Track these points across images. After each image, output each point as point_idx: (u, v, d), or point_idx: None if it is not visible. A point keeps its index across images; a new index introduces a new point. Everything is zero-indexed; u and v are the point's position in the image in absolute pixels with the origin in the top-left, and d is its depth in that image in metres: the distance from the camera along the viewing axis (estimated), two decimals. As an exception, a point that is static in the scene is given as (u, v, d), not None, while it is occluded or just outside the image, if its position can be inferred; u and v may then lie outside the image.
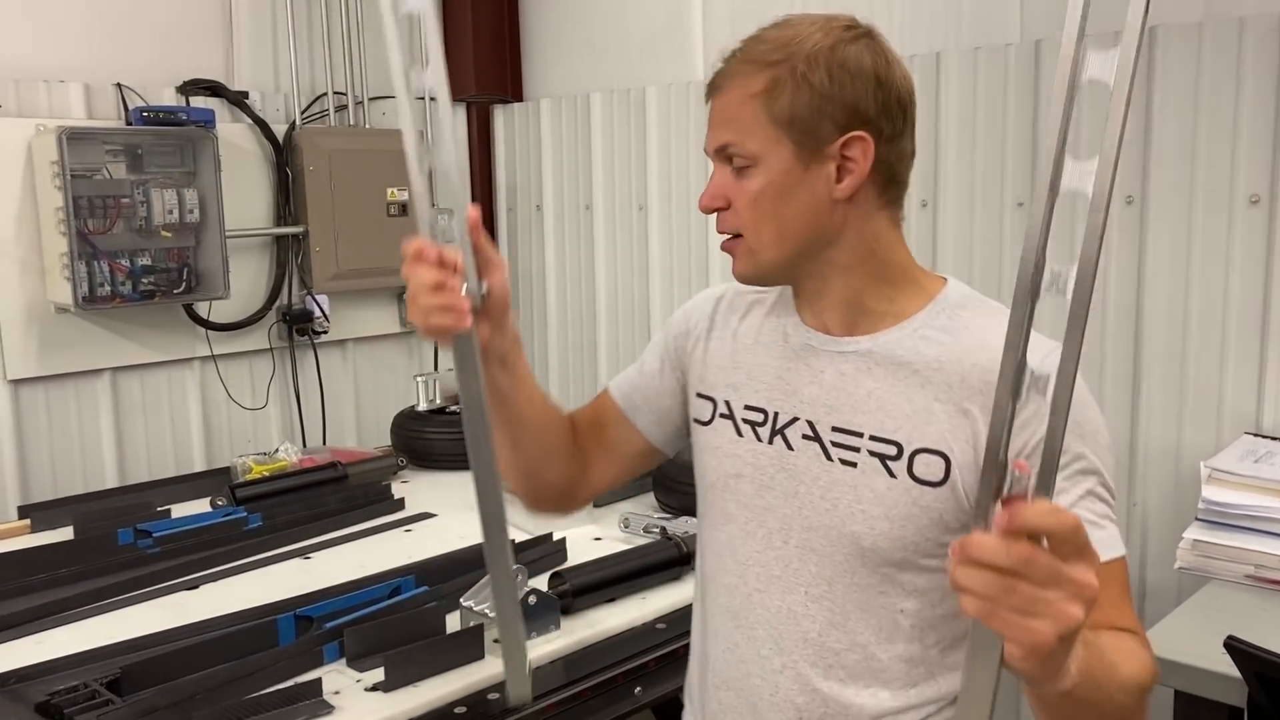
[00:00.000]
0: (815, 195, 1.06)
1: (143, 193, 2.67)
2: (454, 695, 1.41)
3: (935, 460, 1.04)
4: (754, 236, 1.08)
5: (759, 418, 1.15)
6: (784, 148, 1.05)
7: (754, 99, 1.05)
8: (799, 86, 1.04)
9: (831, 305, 1.12)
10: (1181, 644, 1.62)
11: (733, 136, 1.07)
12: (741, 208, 1.08)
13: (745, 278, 1.13)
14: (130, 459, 2.83)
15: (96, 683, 1.35)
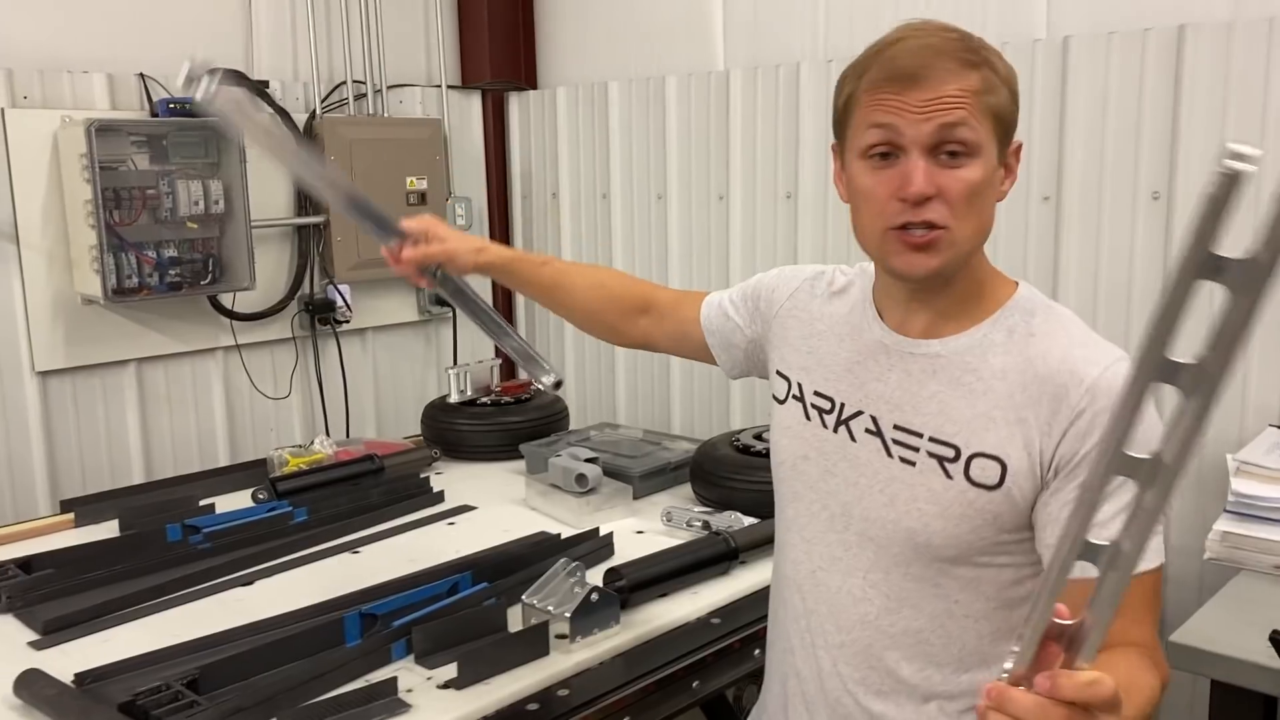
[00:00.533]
0: (996, 194, 1.11)
1: (168, 184, 2.67)
2: (525, 692, 1.44)
3: (992, 465, 1.08)
4: (961, 227, 1.07)
5: (826, 405, 1.21)
6: (993, 144, 1.08)
7: (975, 92, 1.06)
8: (1003, 88, 1.09)
9: (946, 308, 1.15)
10: (1217, 635, 1.67)
11: (961, 117, 1.06)
12: (955, 197, 1.06)
13: (936, 272, 1.09)
14: (156, 450, 2.84)
15: (178, 683, 1.37)
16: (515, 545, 1.91)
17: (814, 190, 2.76)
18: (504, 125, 3.53)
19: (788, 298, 1.33)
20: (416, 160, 3.17)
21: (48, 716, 1.37)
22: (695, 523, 1.97)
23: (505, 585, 1.70)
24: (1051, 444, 1.06)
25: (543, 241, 3.49)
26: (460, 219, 3.35)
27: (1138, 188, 2.26)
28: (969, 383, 1.11)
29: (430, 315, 3.36)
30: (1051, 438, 1.06)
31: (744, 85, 2.86)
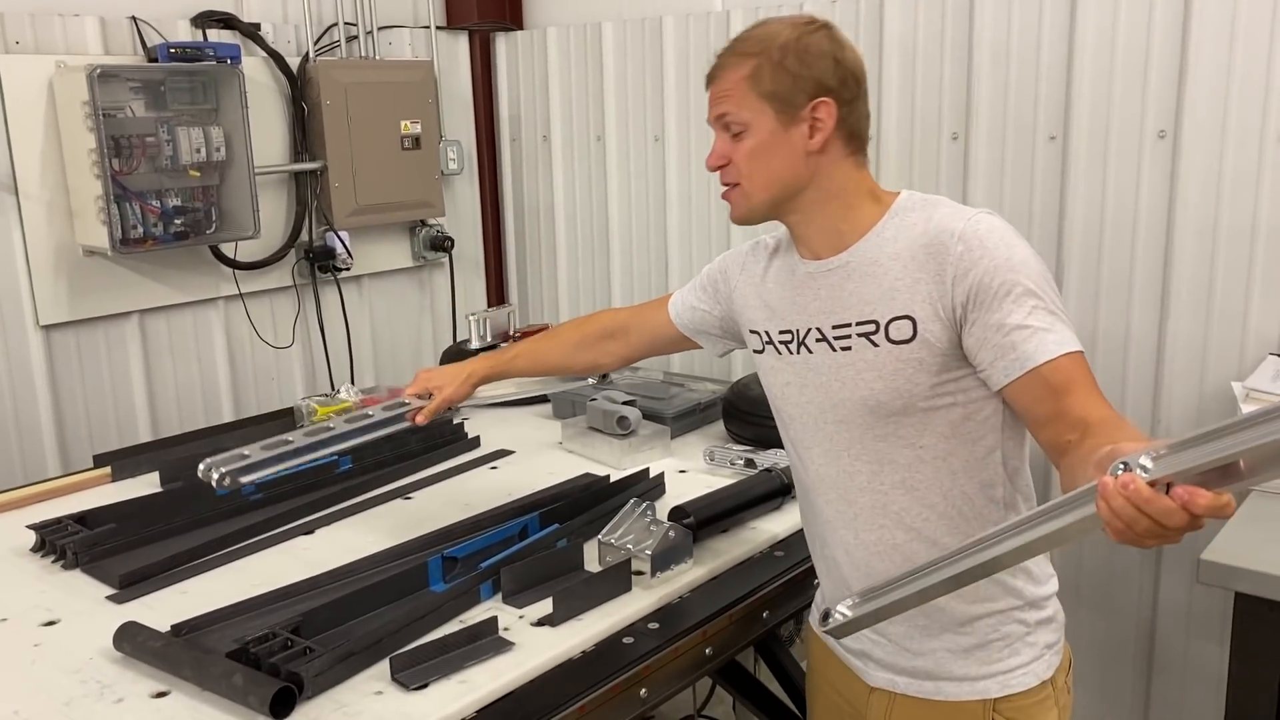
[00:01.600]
0: (794, 149, 1.36)
1: (168, 131, 2.62)
2: (616, 626, 1.49)
3: (904, 323, 1.33)
4: (748, 183, 1.38)
5: (788, 338, 1.46)
6: (768, 115, 1.35)
7: (743, 80, 1.35)
8: (776, 69, 1.34)
9: (815, 234, 1.42)
10: (1241, 552, 1.78)
11: (729, 108, 1.37)
12: (738, 162, 1.38)
13: (740, 219, 1.44)
14: (161, 402, 2.82)
15: (284, 630, 1.40)
16: (568, 487, 1.96)
17: (817, 131, 2.79)
18: (491, 67, 3.49)
19: (739, 272, 1.58)
20: (410, 104, 3.13)
21: (156, 668, 1.39)
22: (738, 461, 2.03)
23: (574, 526, 1.74)
24: (947, 291, 1.29)
25: (534, 185, 3.48)
26: (452, 162, 3.33)
27: (1144, 127, 2.33)
28: (875, 272, 1.36)
29: (425, 261, 3.34)
30: (945, 285, 1.29)
31: (745, 25, 2.86)
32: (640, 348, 1.77)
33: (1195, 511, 0.84)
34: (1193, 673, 2.45)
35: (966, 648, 1.41)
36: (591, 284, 3.40)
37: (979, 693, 1.41)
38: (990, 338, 1.26)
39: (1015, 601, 1.40)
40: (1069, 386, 1.23)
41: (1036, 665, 1.41)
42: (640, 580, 1.59)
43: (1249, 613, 1.80)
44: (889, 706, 1.47)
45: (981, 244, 1.27)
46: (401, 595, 1.56)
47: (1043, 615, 1.43)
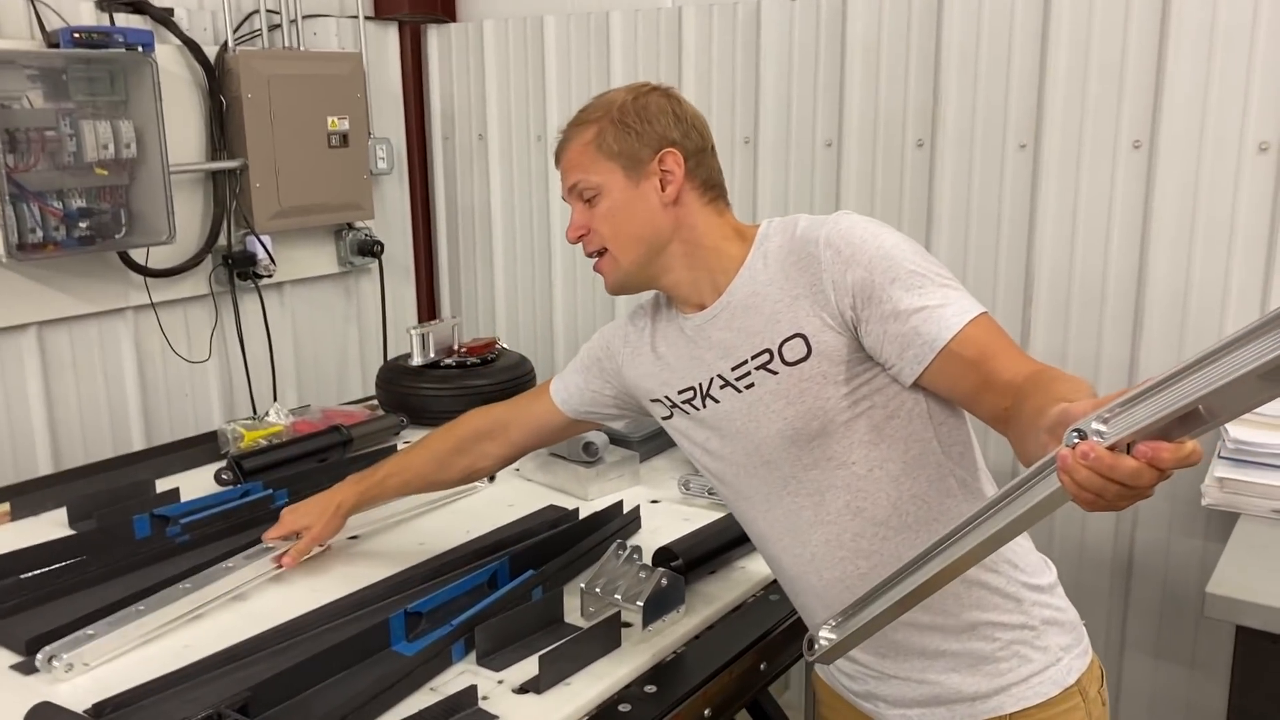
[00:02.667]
0: (649, 204, 1.35)
1: (70, 124, 2.36)
2: (609, 691, 1.33)
3: (796, 342, 1.28)
4: (614, 246, 1.38)
5: (690, 394, 1.41)
6: (617, 175, 1.35)
7: (588, 145, 1.37)
8: (619, 130, 1.35)
9: (690, 288, 1.38)
10: (1243, 582, 1.70)
11: (579, 175, 1.38)
12: (598, 226, 1.37)
13: (615, 288, 1.42)
14: (62, 421, 2.56)
15: (231, 710, 1.20)
16: (534, 524, 1.79)
17: (774, 136, 2.67)
18: (422, 60, 3.29)
19: (623, 346, 1.52)
20: (337, 98, 2.91)
21: (78, 760, 1.18)
22: (714, 491, 1.89)
23: (549, 572, 1.58)
24: (830, 297, 1.25)
25: (468, 184, 3.29)
26: (381, 161, 3.12)
27: (1119, 136, 2.26)
28: (755, 304, 1.32)
29: (351, 266, 3.13)
30: (826, 292, 1.25)
31: (698, 23, 2.73)
32: (521, 443, 1.66)
33: (1161, 468, 0.79)
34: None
35: (971, 664, 1.32)
36: (531, 292, 3.23)
37: (993, 710, 1.31)
38: (890, 330, 1.21)
39: (1007, 602, 1.31)
40: (984, 354, 1.18)
41: (1054, 671, 1.32)
42: (629, 634, 1.44)
43: (1252, 646, 1.73)
44: None
45: (849, 243, 1.24)
46: (362, 657, 1.38)
47: (1045, 613, 1.33)
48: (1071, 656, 1.34)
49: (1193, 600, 2.32)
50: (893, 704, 1.38)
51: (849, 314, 1.24)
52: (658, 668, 1.41)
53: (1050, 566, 1.40)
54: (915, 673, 1.34)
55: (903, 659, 1.34)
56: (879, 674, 1.37)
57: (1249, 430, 1.97)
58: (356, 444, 2.14)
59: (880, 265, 1.22)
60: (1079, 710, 1.33)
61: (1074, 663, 1.34)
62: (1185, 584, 2.32)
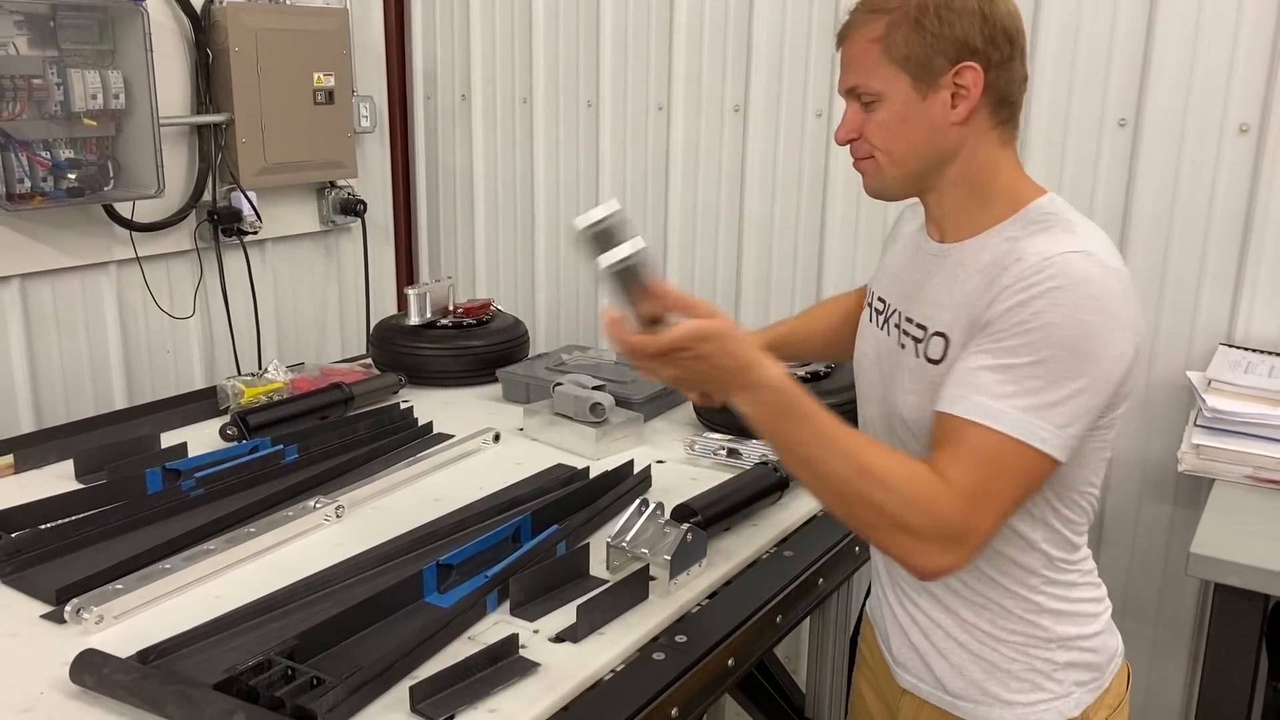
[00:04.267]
0: (934, 121, 1.21)
1: (58, 73, 2.32)
2: (642, 640, 1.37)
3: (939, 341, 1.23)
4: (883, 157, 1.24)
5: (880, 306, 1.39)
6: (903, 83, 1.20)
7: (874, 44, 1.20)
8: (912, 29, 1.18)
9: (944, 215, 1.28)
10: (1219, 543, 1.79)
11: (859, 79, 1.23)
12: (870, 136, 1.24)
13: (873, 192, 1.30)
14: (43, 375, 2.52)
15: (280, 656, 1.22)
16: (545, 481, 1.82)
17: (764, 104, 2.70)
18: (405, 18, 3.26)
19: (891, 232, 1.49)
20: (323, 55, 2.88)
21: (129, 704, 1.19)
22: (720, 451, 1.93)
23: (571, 527, 1.61)
24: (978, 312, 1.17)
25: (449, 147, 3.28)
26: (365, 120, 3.09)
27: (1105, 114, 2.33)
28: (960, 275, 1.23)
29: (333, 225, 3.10)
30: (980, 306, 1.17)
31: (692, -14, 2.75)
32: None
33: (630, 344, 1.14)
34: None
35: (986, 670, 1.32)
36: (514, 257, 3.23)
37: (991, 719, 1.33)
38: (960, 363, 1.16)
39: (1038, 638, 1.31)
40: (943, 443, 1.13)
41: (1061, 703, 1.32)
42: (654, 587, 1.48)
43: (1229, 604, 1.82)
44: (917, 711, 1.40)
45: (1038, 284, 1.10)
46: (397, 608, 1.40)
47: (1072, 657, 1.32)
48: (1085, 691, 1.33)
49: (1159, 562, 2.43)
50: (908, 671, 1.40)
51: (977, 333, 1.17)
52: (685, 619, 1.45)
53: (1101, 615, 1.37)
54: (932, 656, 1.36)
55: (927, 640, 1.36)
56: (904, 641, 1.39)
57: (1225, 400, 2.06)
58: (357, 402, 2.15)
59: (1020, 320, 1.11)
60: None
61: (1085, 697, 1.33)
62: (1153, 547, 2.42)
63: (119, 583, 1.44)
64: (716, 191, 2.82)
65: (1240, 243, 2.24)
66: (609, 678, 1.31)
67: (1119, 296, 1.13)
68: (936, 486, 1.10)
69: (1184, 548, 1.75)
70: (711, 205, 2.83)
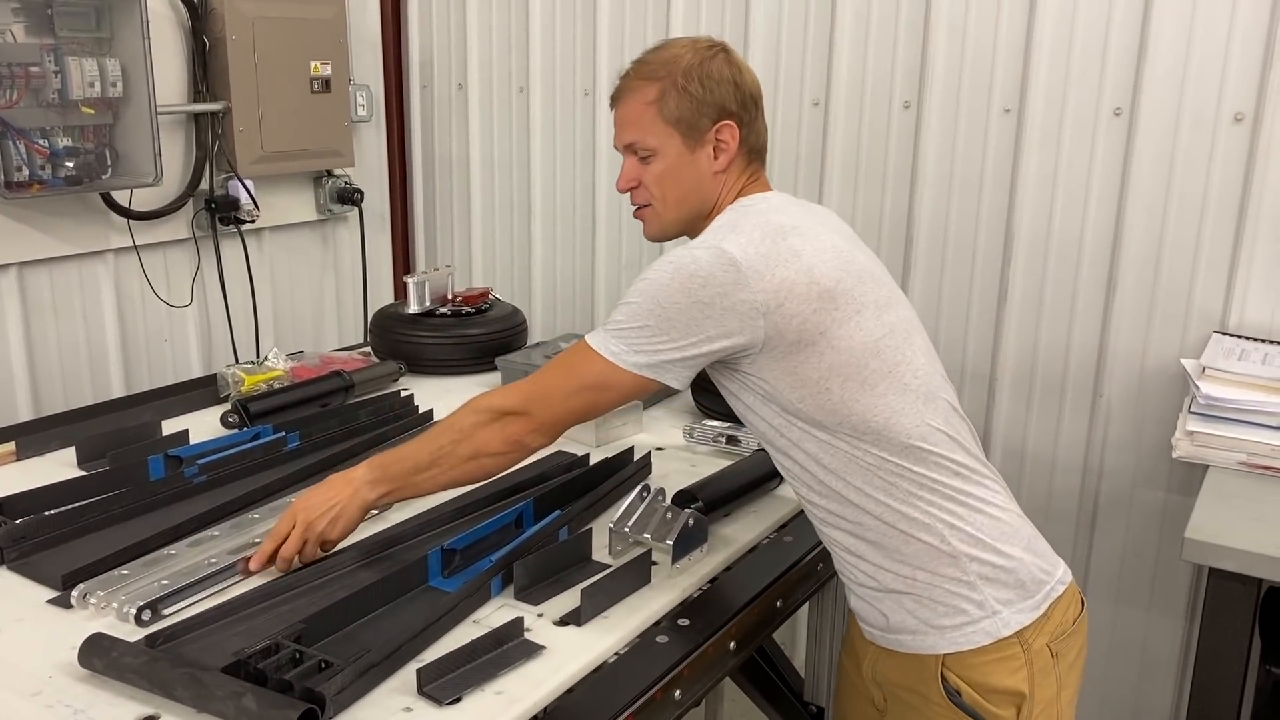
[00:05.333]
0: (700, 171, 1.45)
1: (55, 60, 2.31)
2: (645, 624, 1.39)
3: None
4: (660, 204, 1.47)
5: None
6: (675, 140, 1.42)
7: (649, 106, 1.42)
8: (680, 94, 1.40)
9: None
10: (1213, 528, 1.81)
11: (637, 135, 1.44)
12: (649, 185, 1.46)
13: (654, 237, 1.53)
14: (41, 363, 2.52)
15: (288, 640, 1.23)
16: (546, 468, 1.83)
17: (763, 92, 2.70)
18: (401, 6, 3.25)
19: None
20: (321, 43, 2.88)
21: (137, 688, 1.20)
22: (719, 438, 1.95)
23: (573, 513, 1.62)
24: None
25: (445, 136, 3.28)
26: (361, 109, 3.09)
27: (1101, 104, 2.34)
28: None
29: (330, 214, 3.10)
30: None
31: (689, -24, 2.75)
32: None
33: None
34: (1124, 639, 2.53)
35: (909, 605, 1.39)
36: (510, 245, 3.24)
37: (929, 648, 1.39)
38: None
39: (942, 559, 1.36)
40: None
41: (987, 623, 1.37)
42: (657, 571, 1.49)
43: (1222, 588, 1.84)
44: (875, 658, 1.48)
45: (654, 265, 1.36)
46: (402, 592, 1.41)
47: (985, 570, 1.37)
48: (1013, 611, 1.38)
49: (1153, 548, 2.45)
50: (864, 621, 1.48)
51: None
52: (687, 603, 1.47)
53: (1015, 532, 1.42)
54: (871, 597, 1.43)
55: (863, 588, 1.43)
56: (852, 593, 1.48)
57: (1219, 387, 2.07)
58: (358, 390, 2.15)
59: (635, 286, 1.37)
60: (1017, 659, 1.38)
61: (1016, 617, 1.38)
62: (1147, 533, 2.45)
63: (125, 568, 1.45)
64: (713, 180, 2.82)
65: (1234, 231, 2.25)
66: (613, 660, 1.33)
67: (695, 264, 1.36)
68: (488, 396, 1.47)
69: (1178, 533, 1.77)
70: (708, 194, 2.84)
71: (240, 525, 1.58)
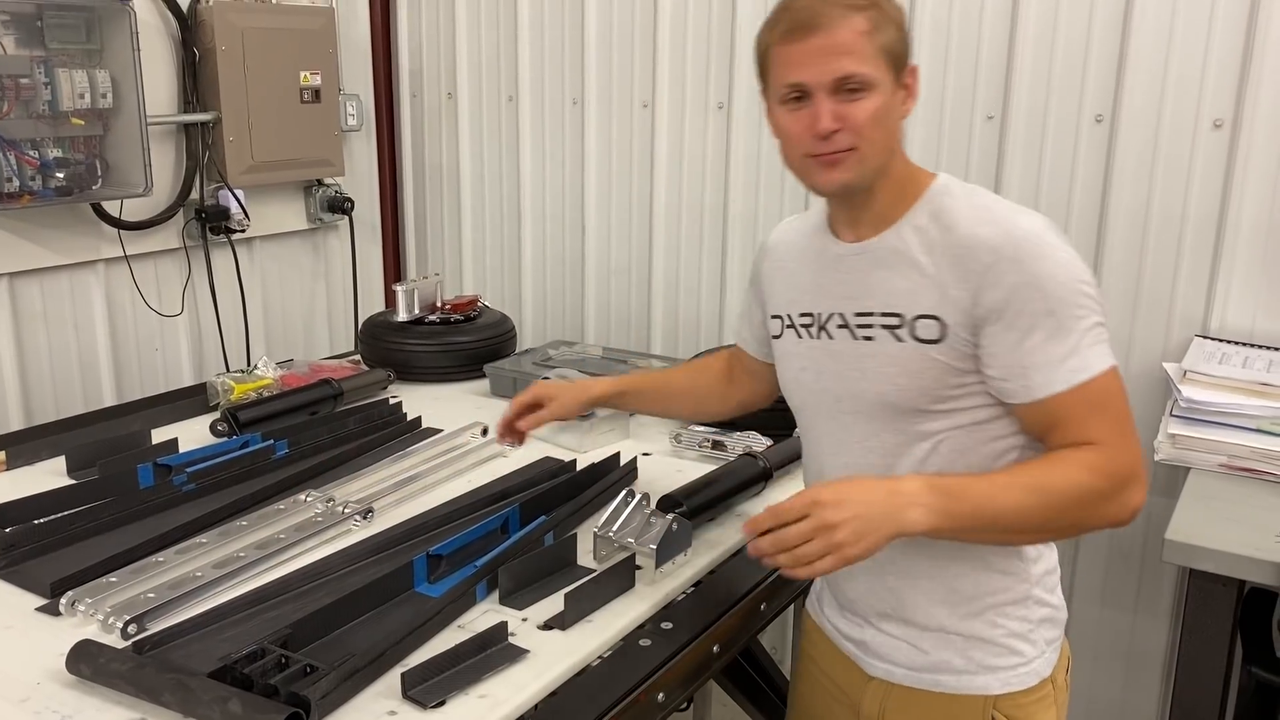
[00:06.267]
0: (897, 115, 1.31)
1: (45, 72, 2.33)
2: (628, 628, 1.40)
3: (931, 323, 1.29)
4: (868, 147, 1.27)
5: (808, 320, 1.42)
6: (888, 75, 1.27)
7: (864, 35, 1.24)
8: (893, 26, 1.27)
9: (868, 213, 1.34)
10: (1193, 529, 1.83)
11: (855, 67, 1.25)
12: (859, 125, 1.26)
13: (847, 184, 1.30)
14: (33, 372, 2.53)
15: (274, 644, 1.25)
16: (533, 474, 1.84)
17: (748, 102, 2.73)
18: (391, 16, 3.27)
19: (765, 261, 1.54)
20: (310, 53, 2.90)
21: (125, 693, 1.22)
22: (705, 443, 1.96)
23: (559, 518, 1.64)
24: (970, 298, 1.26)
25: (435, 145, 3.30)
26: (351, 118, 3.11)
27: (1082, 110, 2.36)
28: (902, 263, 1.32)
29: (320, 223, 3.12)
30: (969, 293, 1.26)
31: (679, -13, 2.77)
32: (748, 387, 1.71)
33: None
34: (1110, 641, 2.55)
35: (967, 639, 1.37)
36: (500, 252, 3.25)
37: (979, 688, 1.37)
38: (1001, 355, 1.25)
39: (1016, 599, 1.36)
40: (1060, 421, 1.24)
41: (1038, 663, 1.38)
42: (641, 575, 1.51)
43: (1202, 589, 1.86)
44: (885, 696, 1.44)
45: (1013, 257, 1.23)
46: (388, 598, 1.43)
47: (1044, 612, 1.39)
48: (1053, 649, 1.40)
49: (1138, 550, 2.47)
50: (881, 658, 1.43)
51: (982, 320, 1.25)
52: (670, 606, 1.48)
53: (1052, 551, 1.43)
54: (913, 638, 1.40)
55: (906, 624, 1.40)
56: (878, 629, 1.43)
57: (1200, 390, 2.09)
58: (346, 397, 2.17)
59: (1026, 292, 1.22)
60: (1049, 698, 1.39)
61: (1053, 655, 1.40)
62: (1132, 535, 2.46)
63: (113, 575, 1.46)
64: (701, 188, 2.85)
65: (1215, 236, 2.28)
66: (596, 663, 1.34)
67: (1051, 228, 1.27)
68: (1099, 455, 1.23)
69: (1161, 536, 1.78)
70: (696, 203, 2.86)
71: (228, 533, 1.59)
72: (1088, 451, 1.23)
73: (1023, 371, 1.24)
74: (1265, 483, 1.98)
